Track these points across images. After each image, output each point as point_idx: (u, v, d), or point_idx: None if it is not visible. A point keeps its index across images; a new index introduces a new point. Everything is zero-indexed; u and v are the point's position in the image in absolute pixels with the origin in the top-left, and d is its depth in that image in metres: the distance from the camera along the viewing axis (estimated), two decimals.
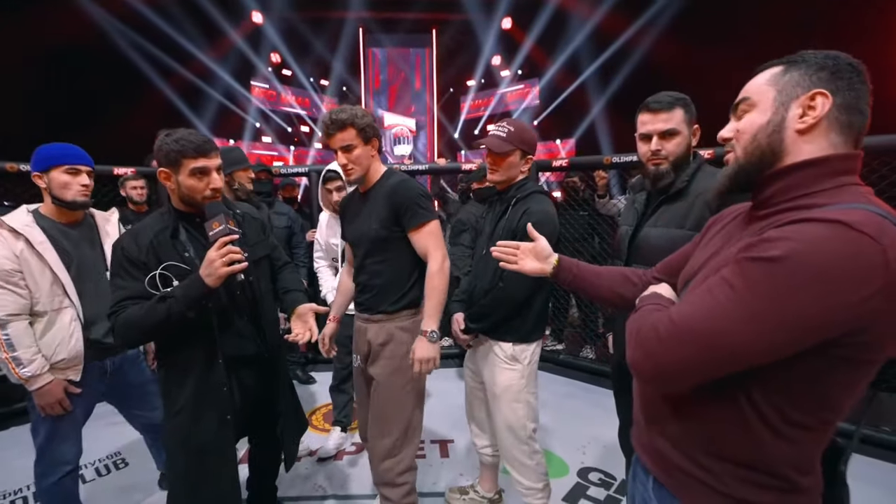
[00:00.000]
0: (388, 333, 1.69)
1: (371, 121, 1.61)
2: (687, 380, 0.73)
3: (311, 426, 2.92)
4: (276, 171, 3.73)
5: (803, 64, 0.74)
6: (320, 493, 2.25)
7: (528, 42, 11.50)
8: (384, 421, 1.69)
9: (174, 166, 1.38)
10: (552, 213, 1.70)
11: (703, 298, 0.70)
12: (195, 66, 9.72)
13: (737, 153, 0.79)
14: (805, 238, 0.62)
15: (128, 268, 1.36)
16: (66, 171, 1.66)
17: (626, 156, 3.17)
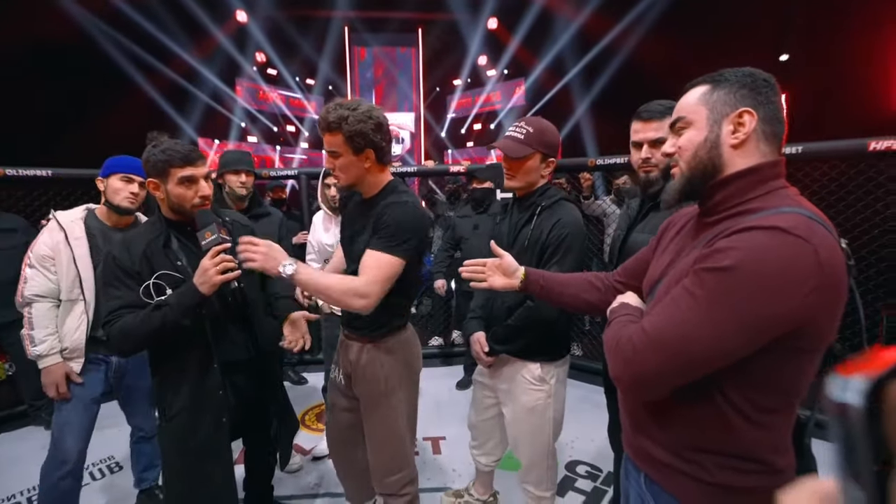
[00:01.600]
0: (369, 355, 1.58)
1: (367, 128, 1.38)
2: (664, 385, 0.81)
3: (304, 426, 2.95)
4: (265, 174, 3.74)
5: (726, 83, 0.84)
6: (314, 492, 2.29)
7: (513, 42, 11.57)
8: (376, 441, 1.63)
9: (162, 176, 1.42)
10: (582, 225, 1.61)
11: (670, 309, 0.79)
12: (179, 65, 9.58)
13: (681, 168, 0.88)
14: (750, 246, 0.72)
15: (122, 277, 1.39)
16: (122, 178, 1.86)
17: (611, 158, 3.25)
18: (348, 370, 1.64)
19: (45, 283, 1.78)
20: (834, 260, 0.71)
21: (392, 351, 1.58)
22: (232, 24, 10.64)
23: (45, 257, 1.78)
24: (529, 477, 1.79)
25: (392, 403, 1.58)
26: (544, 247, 1.58)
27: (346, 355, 1.63)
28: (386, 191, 1.51)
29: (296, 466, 2.44)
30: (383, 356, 1.57)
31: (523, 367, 1.68)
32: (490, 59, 12.67)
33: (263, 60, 11.96)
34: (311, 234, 2.65)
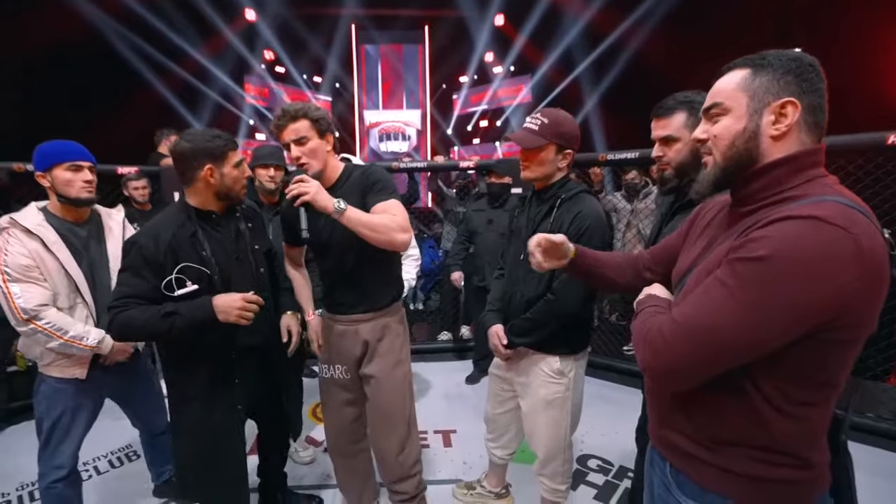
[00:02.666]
0: (383, 327, 1.65)
1: (326, 115, 1.54)
2: (695, 376, 0.79)
3: (315, 418, 2.98)
4: None
5: (769, 69, 0.78)
6: (326, 483, 2.32)
7: (520, 38, 11.54)
8: (390, 418, 1.66)
9: (220, 160, 1.46)
10: (604, 217, 1.61)
11: (702, 299, 0.76)
12: (189, 63, 9.66)
13: (716, 158, 0.84)
14: (785, 236, 0.69)
15: (141, 267, 1.38)
16: (68, 168, 1.65)
17: (621, 153, 3.23)
18: (356, 355, 1.67)
19: (41, 291, 1.61)
20: (875, 249, 0.68)
21: (402, 321, 1.72)
22: (241, 23, 10.70)
23: (29, 267, 1.59)
24: (545, 470, 1.79)
25: (403, 372, 1.68)
26: None
27: (356, 339, 1.65)
28: (348, 170, 1.62)
29: (308, 458, 2.47)
30: (397, 325, 1.68)
31: (542, 361, 1.67)
32: (497, 56, 12.64)
33: (272, 58, 12.02)
34: None
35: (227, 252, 1.52)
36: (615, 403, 3.10)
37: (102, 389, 1.85)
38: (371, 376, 1.65)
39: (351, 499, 1.90)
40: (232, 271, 1.51)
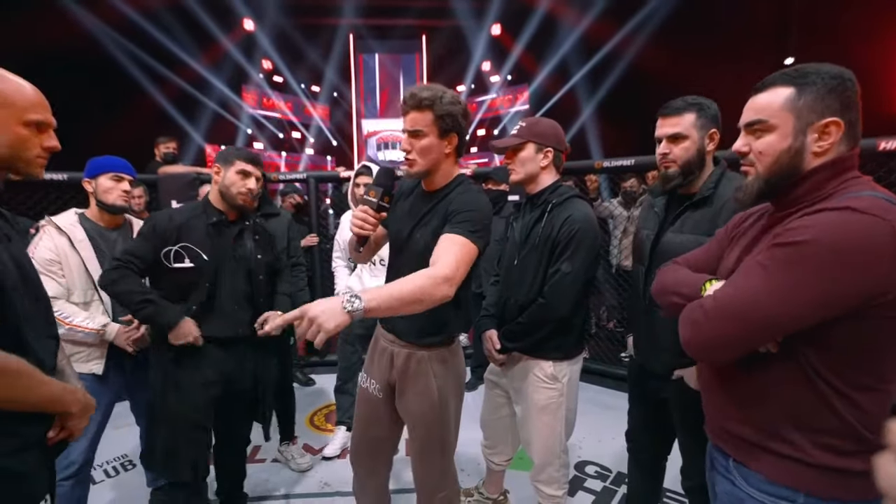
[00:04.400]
0: (418, 362, 1.45)
1: (457, 111, 1.33)
2: (734, 349, 0.84)
3: (313, 426, 2.97)
4: (275, 177, 3.78)
5: (813, 87, 0.82)
6: (323, 491, 2.30)
7: (517, 48, 11.65)
8: (427, 460, 1.54)
9: (227, 163, 1.72)
10: (595, 221, 1.61)
11: (741, 279, 0.83)
12: (187, 73, 9.71)
13: (759, 171, 0.89)
14: (822, 223, 0.76)
15: (150, 234, 1.65)
16: (111, 177, 1.87)
17: (617, 160, 3.26)
18: (388, 379, 1.52)
19: (55, 285, 1.74)
20: None
21: (447, 361, 1.47)
22: (239, 32, 10.79)
23: (52, 261, 1.74)
24: (541, 476, 1.78)
25: (444, 417, 1.48)
26: (555, 244, 1.58)
27: (390, 363, 1.50)
28: (455, 181, 1.43)
29: (306, 465, 2.45)
30: (438, 367, 1.45)
31: (535, 366, 1.67)
32: (494, 65, 12.75)
33: (270, 68, 12.11)
34: (339, 232, 2.68)
35: (224, 249, 1.72)
36: (613, 410, 3.09)
37: (118, 388, 1.91)
38: (406, 413, 1.52)
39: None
40: (223, 266, 1.72)
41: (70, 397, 1.02)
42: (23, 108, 0.94)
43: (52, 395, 0.97)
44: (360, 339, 2.60)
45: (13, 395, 0.88)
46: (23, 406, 0.92)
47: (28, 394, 0.91)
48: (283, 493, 2.28)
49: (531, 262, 1.64)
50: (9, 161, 0.95)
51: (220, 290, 1.71)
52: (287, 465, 2.48)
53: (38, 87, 1.00)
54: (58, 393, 0.98)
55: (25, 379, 0.89)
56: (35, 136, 0.97)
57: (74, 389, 1.05)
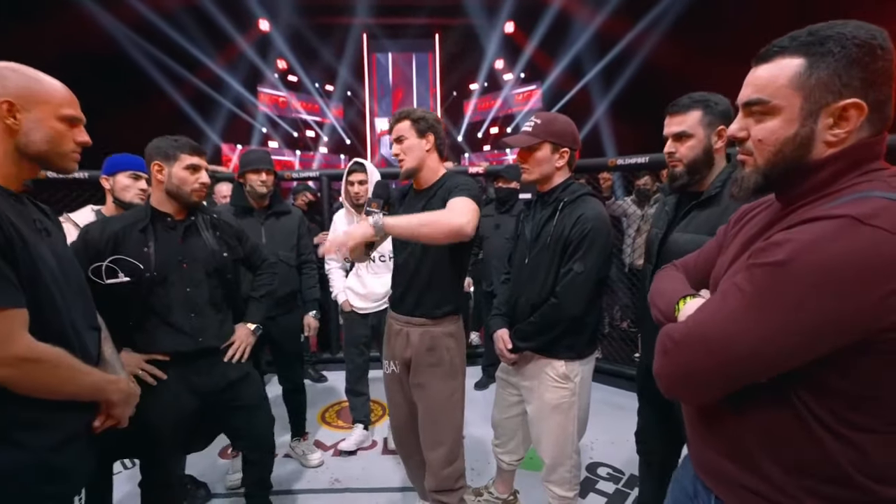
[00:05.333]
0: (432, 339, 1.62)
1: (430, 116, 1.61)
2: (708, 388, 0.71)
3: (324, 423, 2.99)
4: (288, 175, 3.81)
5: (829, 58, 0.64)
6: (334, 487, 2.32)
7: (530, 46, 11.60)
8: (437, 431, 1.66)
9: (169, 160, 1.53)
10: (607, 220, 1.59)
11: (716, 304, 0.69)
12: (204, 73, 9.87)
13: (758, 161, 0.73)
14: (809, 238, 0.60)
15: (80, 249, 1.44)
16: (129, 175, 1.90)
17: (630, 158, 3.21)
18: (405, 357, 1.67)
19: None
20: None
21: (453, 335, 1.66)
22: (254, 33, 10.91)
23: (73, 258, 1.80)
24: (553, 476, 1.76)
25: (453, 387, 1.65)
26: (567, 243, 1.56)
27: (405, 342, 1.67)
28: (445, 177, 1.64)
29: (316, 461, 2.47)
30: (448, 339, 1.64)
31: (547, 365, 1.66)
32: (507, 63, 12.72)
33: (285, 67, 12.24)
34: (331, 232, 2.67)
35: (171, 254, 1.54)
36: (626, 411, 3.05)
37: None
38: (418, 385, 1.66)
39: (419, 489, 1.94)
40: (170, 272, 1.53)
41: (111, 387, 1.06)
42: (58, 105, 0.99)
43: (91, 385, 1.01)
44: (366, 341, 2.62)
45: (52, 384, 0.93)
46: (62, 395, 0.96)
47: (66, 383, 0.95)
48: (294, 488, 2.30)
49: (543, 261, 1.63)
50: (46, 156, 0.99)
51: (171, 300, 1.53)
52: (298, 461, 2.50)
53: None
54: (98, 382, 1.03)
55: (64, 369, 0.94)
56: (68, 131, 1.02)
57: (116, 379, 1.09)
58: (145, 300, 1.50)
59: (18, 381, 0.88)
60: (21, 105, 0.93)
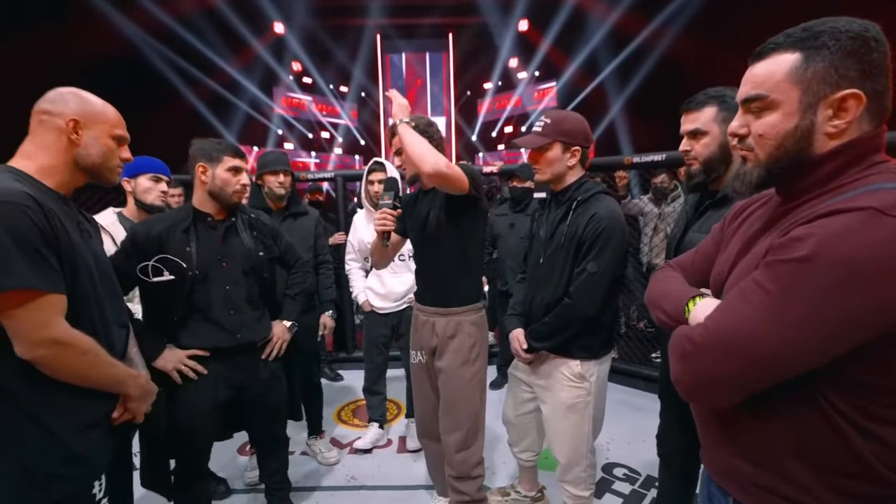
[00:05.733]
0: (456, 325, 1.69)
1: (420, 122, 1.64)
2: (731, 392, 0.69)
3: (341, 421, 3.02)
4: (304, 176, 3.85)
5: (825, 52, 0.66)
6: (350, 484, 2.34)
7: (545, 43, 11.52)
8: (455, 413, 1.69)
9: (213, 161, 1.61)
10: (621, 218, 1.57)
11: (738, 304, 0.66)
12: (221, 76, 10.03)
13: (759, 156, 0.73)
14: (832, 232, 0.59)
15: (129, 248, 1.54)
16: (150, 178, 1.96)
17: (647, 156, 3.17)
18: (431, 346, 1.74)
19: None
20: None
21: (476, 323, 1.72)
22: (269, 36, 11.05)
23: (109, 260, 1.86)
24: (567, 476, 1.75)
25: (473, 372, 1.70)
26: (580, 242, 1.55)
27: (432, 331, 1.72)
28: None
29: (333, 459, 2.50)
30: (470, 327, 1.69)
31: (563, 364, 1.65)
32: (521, 62, 12.66)
33: (300, 69, 12.36)
34: (351, 233, 2.68)
35: (211, 253, 1.60)
36: (642, 411, 3.03)
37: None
38: (440, 370, 1.72)
39: (437, 483, 1.95)
40: (211, 270, 1.59)
41: (131, 381, 1.13)
42: (112, 125, 1.13)
43: (114, 376, 1.09)
44: (386, 341, 2.63)
45: (78, 369, 1.00)
46: (86, 382, 1.03)
47: (92, 371, 1.03)
48: (310, 485, 2.32)
49: (557, 261, 1.62)
50: (97, 168, 1.11)
51: (211, 297, 1.59)
52: (315, 459, 2.53)
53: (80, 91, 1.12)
54: (121, 375, 1.10)
55: (90, 356, 1.01)
56: (117, 148, 1.15)
57: (138, 374, 1.16)
58: (188, 297, 1.57)
59: (49, 362, 0.95)
60: (84, 123, 1.06)
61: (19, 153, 1.05)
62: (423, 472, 2.31)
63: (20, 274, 0.89)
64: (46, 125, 1.04)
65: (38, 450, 0.97)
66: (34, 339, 0.92)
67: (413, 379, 1.90)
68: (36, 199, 0.94)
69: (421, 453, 2.50)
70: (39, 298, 0.92)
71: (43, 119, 1.04)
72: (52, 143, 1.04)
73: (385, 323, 2.58)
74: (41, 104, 1.05)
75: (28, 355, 0.92)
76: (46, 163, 1.04)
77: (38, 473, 0.97)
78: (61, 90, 1.08)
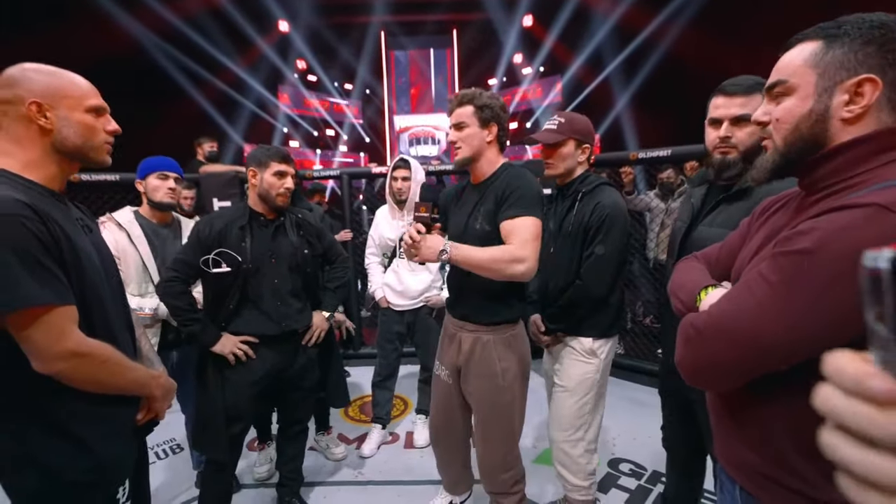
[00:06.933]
0: (483, 347, 1.56)
1: (496, 104, 1.51)
2: (728, 378, 0.72)
3: (348, 417, 3.04)
4: (309, 175, 3.87)
5: (845, 39, 0.66)
6: (357, 479, 2.37)
7: (549, 39, 11.46)
8: (490, 441, 1.64)
9: (261, 166, 1.75)
10: (623, 207, 1.67)
11: (742, 294, 0.69)
12: (226, 75, 10.07)
13: (776, 142, 0.74)
14: (835, 226, 0.60)
15: (194, 242, 1.73)
16: (158, 176, 2.01)
17: (652, 151, 3.16)
18: (456, 363, 1.65)
19: None
20: None
21: (511, 344, 1.57)
22: (275, 34, 11.07)
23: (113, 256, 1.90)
24: (562, 459, 1.78)
25: (507, 399, 1.57)
26: (587, 229, 1.65)
27: (457, 347, 1.63)
28: (503, 168, 1.56)
29: (340, 455, 2.52)
30: (502, 350, 1.55)
31: (574, 341, 1.75)
32: (526, 57, 12.60)
33: (304, 67, 12.38)
34: (373, 228, 2.69)
35: (263, 249, 1.77)
36: (648, 407, 3.02)
37: (168, 366, 2.00)
38: (470, 395, 1.65)
39: (446, 482, 1.96)
40: (262, 265, 1.76)
41: (154, 382, 1.11)
42: (82, 97, 0.99)
43: (136, 380, 1.06)
44: (400, 338, 2.64)
45: (101, 378, 0.97)
46: (112, 389, 1.01)
47: (116, 378, 1.00)
48: (318, 480, 2.35)
49: (566, 248, 1.73)
50: (81, 150, 1.00)
51: (262, 289, 1.76)
52: (323, 454, 2.56)
53: None
54: (142, 378, 1.08)
55: (111, 364, 0.98)
56: (96, 121, 1.02)
57: (158, 374, 1.14)
58: (242, 288, 1.74)
59: (70, 374, 0.92)
60: (49, 103, 0.94)
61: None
62: (429, 468, 2.33)
63: (27, 291, 0.84)
64: (11, 116, 0.92)
65: (67, 459, 0.95)
66: (51, 354, 0.88)
67: (433, 387, 1.84)
68: (31, 207, 0.86)
69: (428, 449, 2.52)
70: (50, 313, 0.87)
71: (5, 110, 0.92)
72: (25, 135, 0.93)
73: (400, 320, 2.59)
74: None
75: (47, 370, 0.89)
76: (27, 158, 0.94)
77: (67, 483, 0.95)
78: (16, 69, 0.94)
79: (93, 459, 0.98)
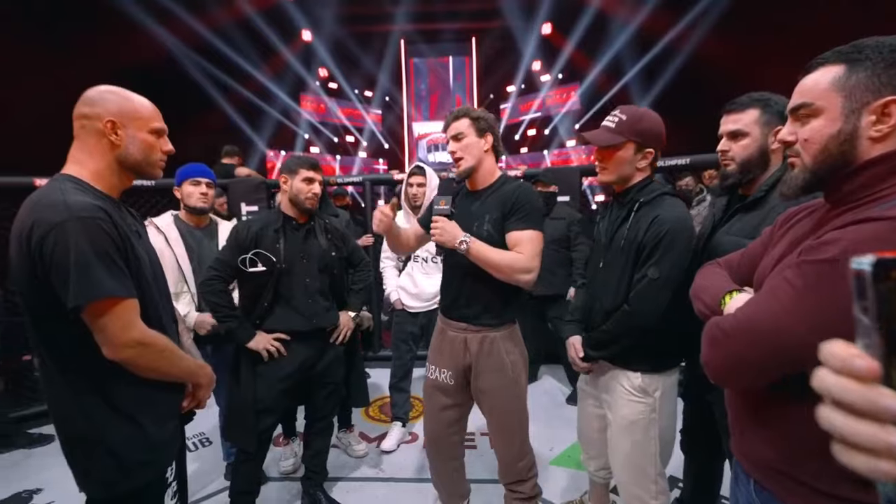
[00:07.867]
0: (491, 342, 1.62)
1: (489, 116, 1.62)
2: (752, 377, 0.76)
3: (368, 416, 3.12)
4: (333, 181, 3.98)
5: (867, 63, 0.70)
6: (377, 476, 2.45)
7: (568, 46, 11.49)
8: (507, 432, 1.69)
9: (292, 174, 1.89)
10: (689, 223, 1.43)
11: (766, 298, 0.72)
12: (251, 83, 10.34)
13: (804, 161, 0.77)
14: (859, 238, 0.62)
15: (233, 243, 1.88)
16: (191, 182, 2.15)
17: (671, 159, 3.18)
18: (463, 364, 1.66)
19: None
20: None
21: (513, 339, 1.67)
22: (298, 43, 11.34)
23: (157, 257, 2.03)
24: (631, 502, 1.57)
25: (517, 391, 1.67)
26: (640, 247, 1.42)
27: (463, 349, 1.65)
28: (501, 180, 1.64)
29: (362, 452, 2.60)
30: (508, 344, 1.64)
31: (622, 376, 1.52)
32: (544, 65, 12.64)
33: (326, 75, 12.63)
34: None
35: (295, 251, 1.91)
36: None
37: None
38: (483, 392, 1.67)
39: (441, 494, 1.95)
40: (294, 265, 1.90)
41: (201, 371, 1.22)
42: (148, 119, 1.12)
43: (188, 368, 1.17)
44: (414, 339, 2.71)
45: (161, 366, 1.08)
46: (167, 376, 1.12)
47: (172, 367, 1.11)
48: (341, 476, 2.43)
49: (616, 266, 1.50)
50: (140, 166, 1.12)
51: (293, 287, 1.89)
52: (345, 451, 2.64)
53: None
54: (193, 367, 1.19)
55: (168, 353, 1.10)
56: (156, 141, 1.15)
57: (204, 364, 1.25)
58: (276, 286, 1.87)
59: (135, 361, 1.02)
60: (121, 122, 1.06)
61: (70, 160, 1.06)
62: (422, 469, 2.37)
63: (105, 284, 0.95)
64: (87, 129, 1.05)
65: (126, 440, 1.05)
66: (120, 342, 0.98)
67: (425, 396, 1.81)
68: (105, 211, 0.99)
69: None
70: (120, 304, 0.98)
71: (84, 124, 1.05)
72: (96, 147, 1.06)
73: (414, 322, 2.67)
74: (79, 108, 1.05)
75: (116, 356, 0.99)
76: (96, 168, 1.06)
77: (126, 462, 1.05)
78: (95, 91, 1.07)
79: (148, 440, 1.08)
